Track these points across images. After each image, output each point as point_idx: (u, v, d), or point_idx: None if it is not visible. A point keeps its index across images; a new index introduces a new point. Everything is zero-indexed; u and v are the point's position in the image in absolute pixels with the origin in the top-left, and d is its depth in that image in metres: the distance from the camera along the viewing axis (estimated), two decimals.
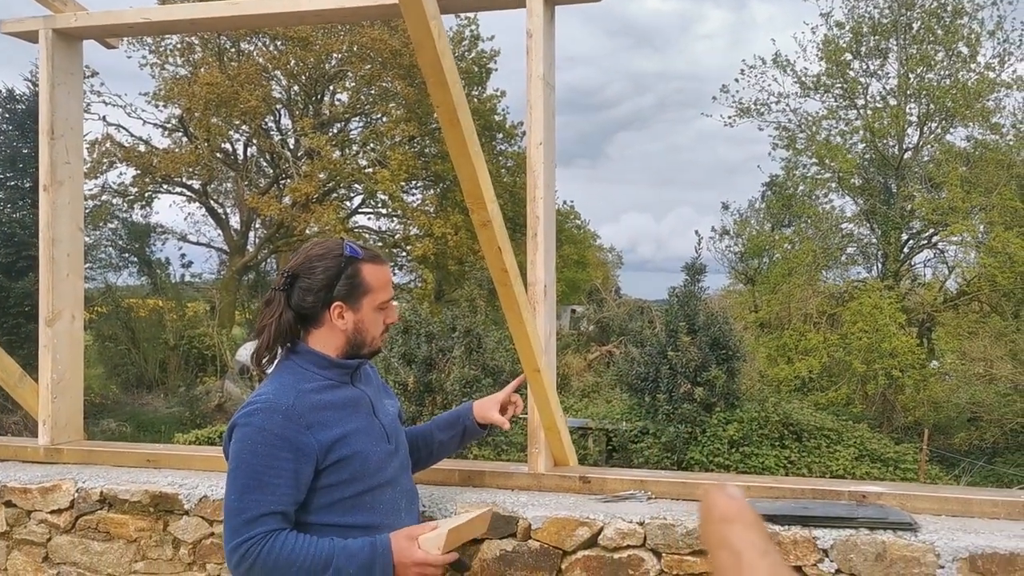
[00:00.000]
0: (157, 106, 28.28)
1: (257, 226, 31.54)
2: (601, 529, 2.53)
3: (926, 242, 25.84)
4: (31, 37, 3.26)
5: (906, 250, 25.74)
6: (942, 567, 2.27)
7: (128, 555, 2.92)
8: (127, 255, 29.32)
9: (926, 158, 24.46)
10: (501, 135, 30.49)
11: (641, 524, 2.50)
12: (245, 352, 26.33)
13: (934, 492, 2.58)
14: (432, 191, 31.07)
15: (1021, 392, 18.59)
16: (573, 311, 34.08)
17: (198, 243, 31.95)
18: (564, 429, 2.89)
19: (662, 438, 15.53)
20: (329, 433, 2.07)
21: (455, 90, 2.08)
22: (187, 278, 31.26)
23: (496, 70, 30.18)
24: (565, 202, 37.52)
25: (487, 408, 2.57)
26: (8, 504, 3.05)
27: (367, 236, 31.33)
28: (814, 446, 15.67)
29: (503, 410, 2.59)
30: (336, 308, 2.16)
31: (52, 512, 2.99)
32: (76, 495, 2.97)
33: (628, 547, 2.51)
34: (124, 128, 28.89)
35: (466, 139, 2.18)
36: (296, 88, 29.60)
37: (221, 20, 3.12)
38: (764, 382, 19.90)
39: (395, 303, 2.28)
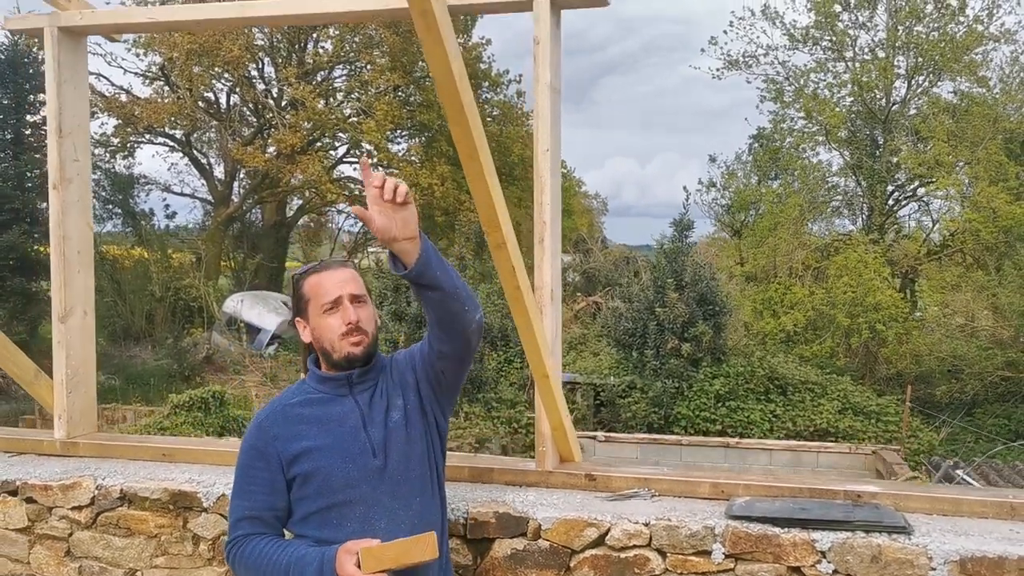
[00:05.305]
0: (138, 55, 27.85)
1: (242, 176, 31.31)
2: (608, 529, 2.63)
3: (911, 195, 25.96)
4: (36, 35, 3.25)
5: (891, 203, 25.86)
6: (934, 569, 2.39)
7: (149, 550, 3.02)
8: (111, 206, 29.10)
9: (913, 111, 24.43)
10: (487, 84, 30.21)
11: (647, 525, 2.61)
12: (232, 304, 26.36)
13: (926, 492, 2.70)
14: (417, 140, 30.86)
15: (1001, 345, 18.91)
16: None
17: (182, 194, 31.82)
18: (570, 428, 2.99)
19: (649, 393, 15.76)
20: (292, 447, 2.19)
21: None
22: (171, 229, 31.10)
23: (481, 17, 29.78)
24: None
25: (371, 221, 1.98)
26: (29, 500, 3.12)
27: (352, 186, 31.15)
28: (799, 400, 15.97)
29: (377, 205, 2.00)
30: (298, 324, 2.30)
31: (73, 508, 3.07)
32: (96, 492, 3.05)
33: (634, 547, 2.61)
34: (105, 77, 28.58)
35: (472, 132, 2.22)
36: (279, 36, 29.14)
37: (228, 21, 3.12)
38: (750, 335, 20.13)
39: (351, 304, 2.18)
